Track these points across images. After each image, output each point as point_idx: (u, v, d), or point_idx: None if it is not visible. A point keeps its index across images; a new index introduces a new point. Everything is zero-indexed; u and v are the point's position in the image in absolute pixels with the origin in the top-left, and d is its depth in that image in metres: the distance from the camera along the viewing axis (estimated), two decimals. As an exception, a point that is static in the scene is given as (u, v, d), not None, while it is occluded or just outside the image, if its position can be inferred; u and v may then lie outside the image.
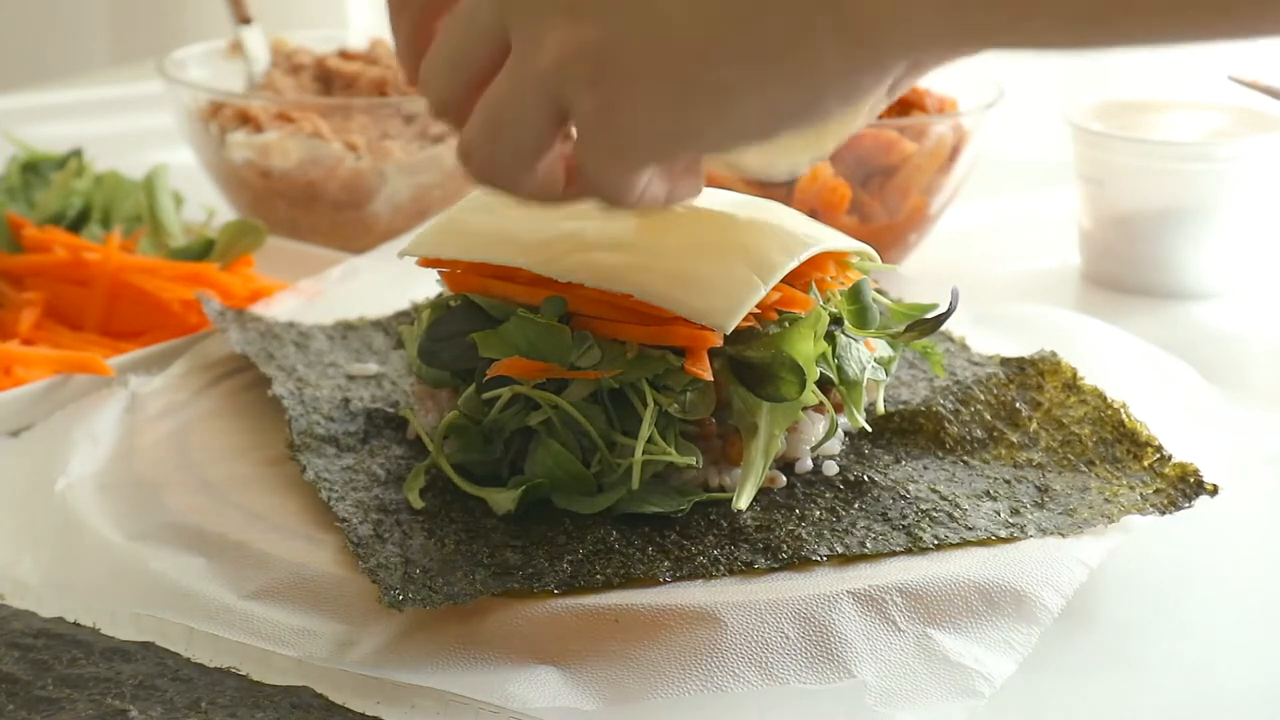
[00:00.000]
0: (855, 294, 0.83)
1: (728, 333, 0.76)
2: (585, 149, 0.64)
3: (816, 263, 0.81)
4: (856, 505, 0.79)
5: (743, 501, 0.76)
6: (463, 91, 0.66)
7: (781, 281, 0.78)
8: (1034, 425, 0.85)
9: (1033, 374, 0.87)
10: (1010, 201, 1.42)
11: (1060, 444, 0.84)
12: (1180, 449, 0.82)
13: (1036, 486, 0.81)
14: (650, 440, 0.76)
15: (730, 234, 0.79)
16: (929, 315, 0.85)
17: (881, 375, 0.84)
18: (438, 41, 0.67)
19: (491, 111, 0.65)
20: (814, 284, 0.81)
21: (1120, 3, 0.55)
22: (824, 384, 0.81)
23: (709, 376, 0.76)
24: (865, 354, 0.82)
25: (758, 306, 0.77)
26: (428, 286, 0.88)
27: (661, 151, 0.65)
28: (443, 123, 0.69)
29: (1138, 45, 0.56)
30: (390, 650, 0.71)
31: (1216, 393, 0.96)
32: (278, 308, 1.04)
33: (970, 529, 0.77)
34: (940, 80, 1.19)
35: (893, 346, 0.86)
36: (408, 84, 0.70)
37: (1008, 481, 0.81)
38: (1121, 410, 0.84)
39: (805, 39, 0.59)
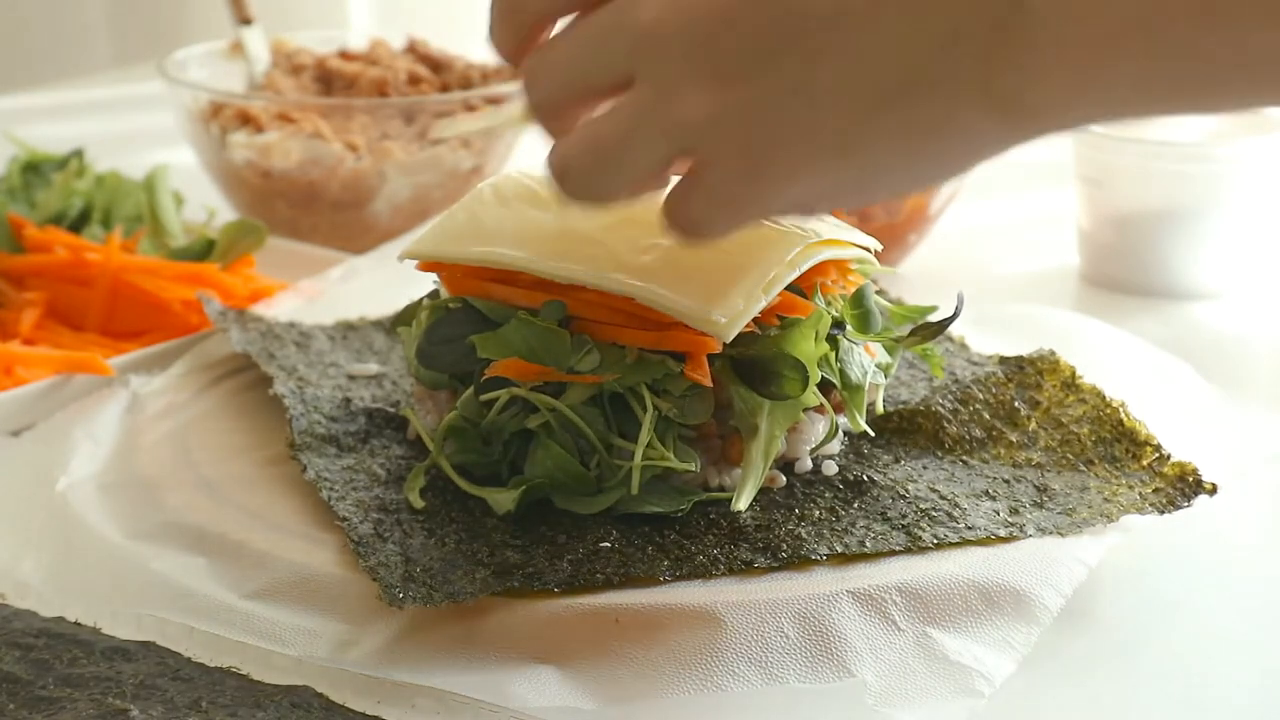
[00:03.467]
0: (858, 299, 0.84)
1: (728, 341, 0.76)
2: (701, 198, 0.64)
3: (819, 267, 0.81)
4: (856, 505, 0.79)
5: (742, 503, 0.76)
6: (568, 102, 0.67)
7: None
8: (1033, 425, 0.85)
9: (1031, 373, 0.87)
10: (1009, 202, 1.42)
11: (1059, 443, 0.84)
12: (1179, 448, 0.82)
13: (1035, 486, 0.81)
14: (649, 445, 0.76)
15: (734, 239, 0.79)
16: (932, 319, 0.85)
17: (881, 379, 0.84)
18: (558, 48, 0.66)
19: (606, 141, 0.65)
20: (818, 288, 0.81)
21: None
22: (824, 386, 0.81)
23: (708, 382, 0.76)
24: (867, 359, 0.83)
25: (758, 312, 0.77)
26: (428, 287, 0.88)
27: (787, 212, 0.66)
28: (533, 118, 0.69)
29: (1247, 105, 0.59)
30: (390, 650, 0.71)
31: (1216, 392, 0.96)
32: (278, 308, 1.04)
33: (970, 528, 0.77)
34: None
35: (891, 352, 0.86)
36: (500, 55, 0.70)
37: (1007, 481, 0.81)
38: (1120, 409, 0.84)
39: (958, 118, 0.60)
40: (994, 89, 0.59)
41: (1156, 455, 0.82)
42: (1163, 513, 0.78)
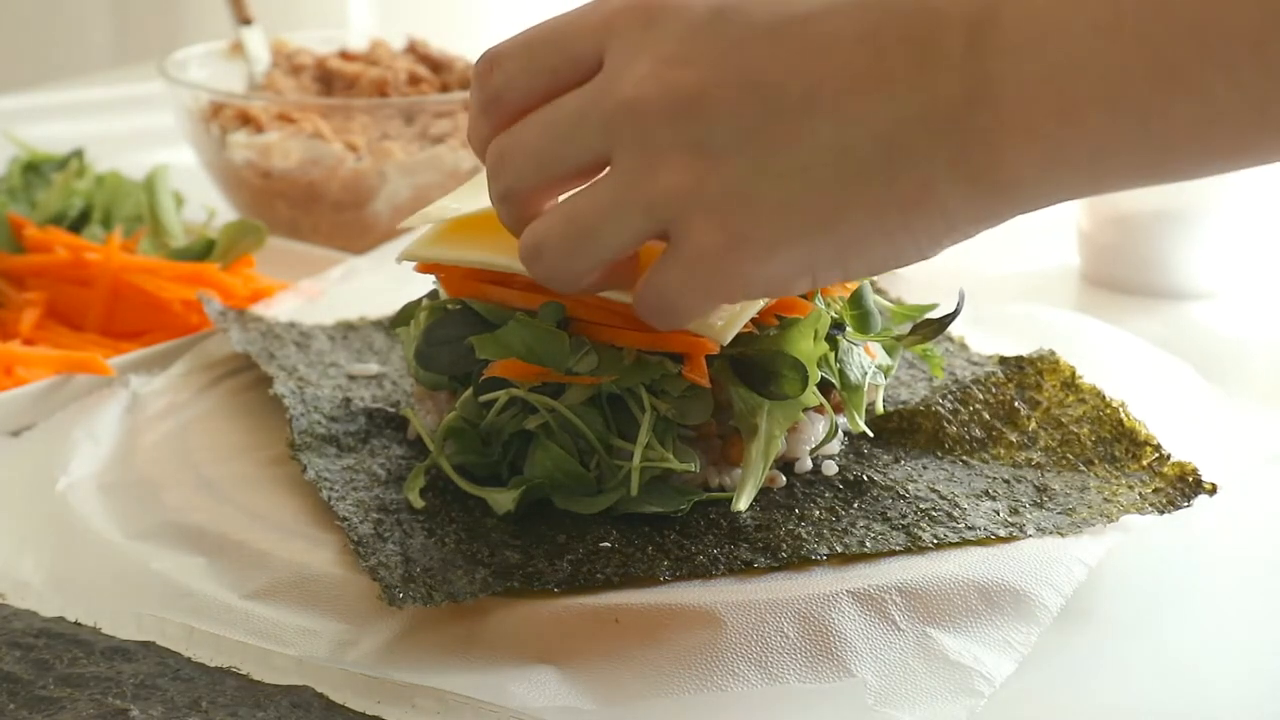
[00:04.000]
0: (857, 299, 0.84)
1: (724, 344, 0.76)
2: (678, 274, 0.65)
3: (818, 267, 0.81)
4: (856, 505, 0.79)
5: (742, 503, 0.76)
6: (539, 186, 0.67)
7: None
8: (1033, 425, 0.85)
9: (1031, 373, 0.87)
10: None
11: (1059, 443, 0.84)
12: (1179, 448, 0.82)
13: (1035, 486, 0.81)
14: (649, 445, 0.76)
15: None
16: (933, 317, 0.85)
17: (881, 380, 0.84)
18: (526, 131, 0.66)
19: (584, 216, 0.65)
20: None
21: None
22: (824, 386, 0.81)
23: (707, 383, 0.76)
24: (866, 359, 0.83)
25: (756, 313, 0.77)
26: (427, 287, 0.88)
27: (762, 293, 0.66)
28: (499, 208, 0.69)
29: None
30: (390, 650, 0.71)
31: (1216, 392, 0.96)
32: (278, 308, 1.04)
33: (970, 528, 0.77)
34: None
35: (890, 351, 0.86)
36: (479, 153, 0.70)
37: (1007, 481, 0.81)
38: (1120, 409, 0.84)
39: (934, 194, 0.61)
40: (966, 163, 0.60)
41: (1156, 455, 0.82)
42: (1163, 513, 0.78)
